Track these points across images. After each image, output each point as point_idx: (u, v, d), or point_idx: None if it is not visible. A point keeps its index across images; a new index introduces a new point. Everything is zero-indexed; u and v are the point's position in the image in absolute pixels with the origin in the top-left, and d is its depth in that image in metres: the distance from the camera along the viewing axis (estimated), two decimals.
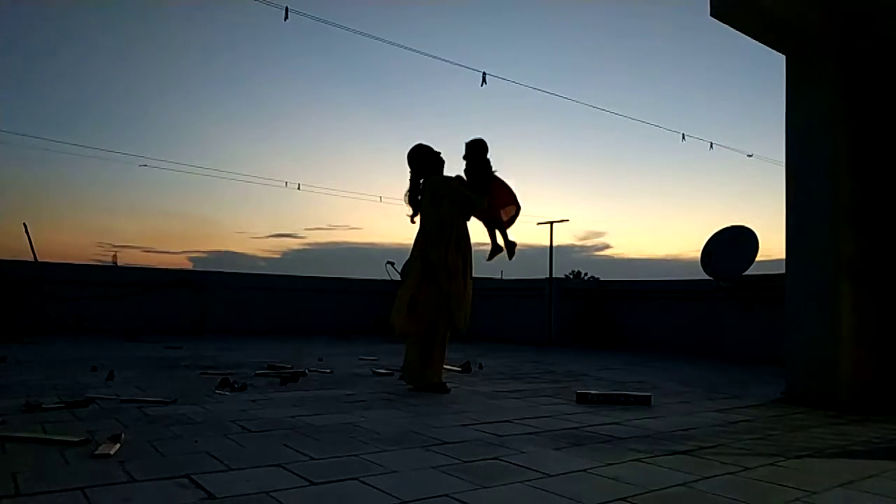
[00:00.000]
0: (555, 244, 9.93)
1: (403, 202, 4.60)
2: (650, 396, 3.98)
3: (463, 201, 4.43)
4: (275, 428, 2.87)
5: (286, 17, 6.56)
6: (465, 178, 4.63)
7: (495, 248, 4.72)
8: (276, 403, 3.56)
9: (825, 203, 4.14)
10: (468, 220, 4.51)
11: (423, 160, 4.55)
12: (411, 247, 4.54)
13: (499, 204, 4.61)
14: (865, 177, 4.26)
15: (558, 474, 2.20)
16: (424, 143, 4.60)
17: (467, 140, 4.70)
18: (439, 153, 4.59)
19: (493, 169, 4.65)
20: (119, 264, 10.47)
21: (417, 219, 4.55)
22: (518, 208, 4.70)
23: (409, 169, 4.60)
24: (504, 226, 4.70)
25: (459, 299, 4.33)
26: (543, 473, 2.20)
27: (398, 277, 11.47)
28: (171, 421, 2.95)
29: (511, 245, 4.73)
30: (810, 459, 2.56)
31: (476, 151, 4.67)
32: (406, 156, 4.60)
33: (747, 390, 4.78)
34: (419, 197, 4.53)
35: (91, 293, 9.14)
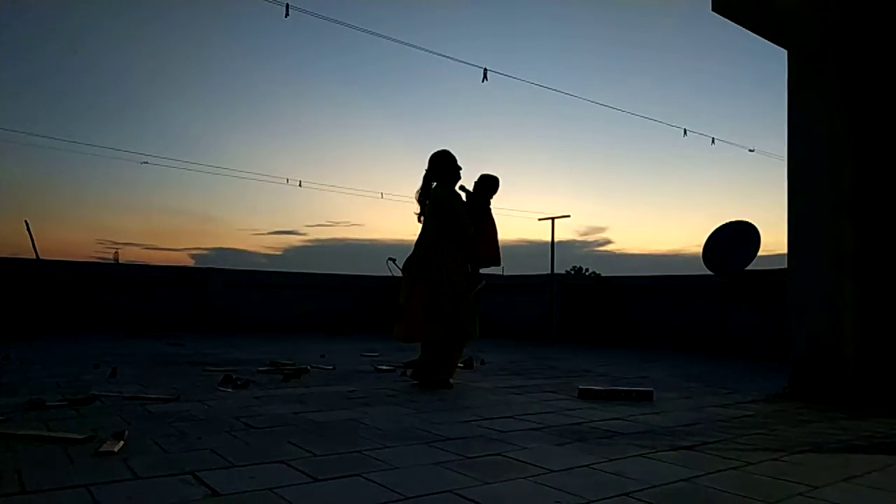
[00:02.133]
0: (556, 240, 9.94)
1: (415, 200, 4.65)
2: (652, 392, 3.98)
3: (456, 221, 4.44)
4: (277, 424, 2.88)
5: (287, 14, 6.56)
6: (464, 196, 4.70)
7: (472, 279, 4.75)
8: (278, 400, 3.57)
9: (827, 198, 4.13)
10: (456, 239, 4.49)
11: (443, 166, 4.59)
12: (413, 246, 4.58)
13: (482, 244, 4.66)
14: (867, 171, 4.25)
15: (561, 470, 2.20)
16: (450, 151, 4.64)
17: (484, 173, 4.79)
18: (460, 168, 4.62)
19: (490, 208, 4.72)
20: (120, 261, 10.49)
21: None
22: (498, 262, 4.77)
23: (426, 168, 4.64)
24: (478, 262, 4.74)
25: (470, 308, 4.43)
26: (546, 469, 2.20)
27: (399, 274, 11.51)
28: (175, 418, 2.95)
29: (478, 281, 4.73)
30: (813, 454, 2.57)
31: (485, 186, 4.74)
32: (429, 156, 4.64)
33: (749, 385, 4.78)
34: (426, 200, 4.59)
35: (93, 290, 9.15)
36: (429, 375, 4.33)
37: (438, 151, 4.63)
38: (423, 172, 4.65)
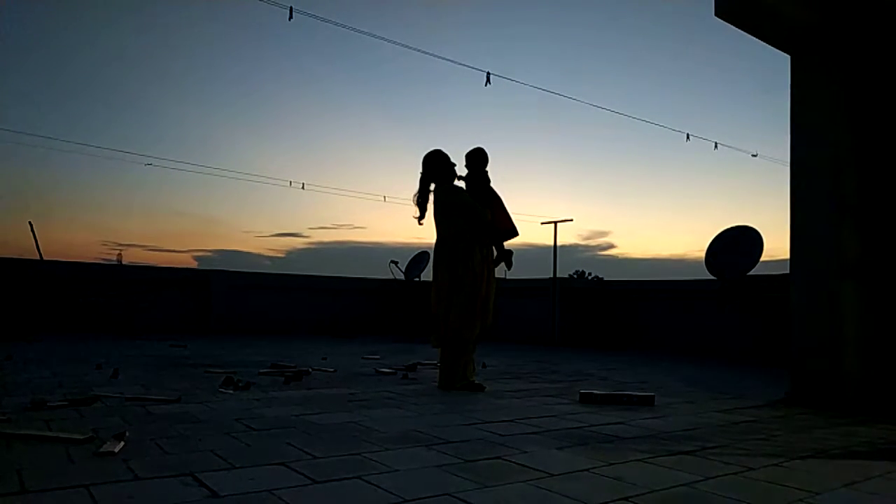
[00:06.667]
0: (559, 244, 9.96)
1: (412, 202, 4.66)
2: (654, 396, 3.97)
3: (471, 214, 4.47)
4: (278, 426, 2.88)
5: (290, 17, 6.58)
6: (464, 188, 4.69)
7: (499, 256, 4.75)
8: (279, 402, 3.57)
9: (829, 202, 4.13)
10: (476, 232, 4.53)
11: (438, 166, 4.60)
12: (423, 250, 4.63)
13: (498, 222, 4.68)
14: (870, 176, 4.24)
15: (561, 474, 2.20)
16: (442, 150, 4.66)
17: (468, 150, 4.76)
18: (454, 164, 4.64)
19: (490, 181, 4.71)
20: (124, 263, 10.52)
21: (425, 222, 4.64)
22: (516, 233, 4.77)
23: (420, 170, 4.65)
24: (500, 239, 4.75)
25: (486, 303, 4.49)
26: (546, 473, 2.20)
27: (402, 276, 11.53)
28: (175, 419, 2.96)
29: (507, 255, 4.76)
30: (814, 460, 2.56)
31: (475, 162, 4.71)
32: (422, 157, 4.65)
33: (751, 390, 4.77)
34: (428, 203, 4.61)
35: (96, 291, 9.18)
36: (450, 380, 4.36)
37: (430, 152, 4.64)
38: (419, 176, 4.66)
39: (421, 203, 4.61)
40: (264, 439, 2.61)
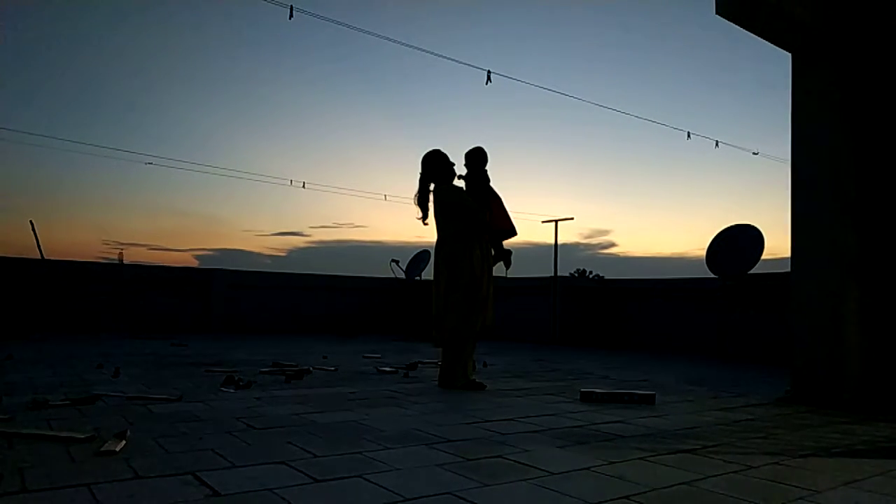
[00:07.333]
0: (560, 242, 9.94)
1: (413, 203, 4.67)
2: (654, 395, 3.97)
3: (468, 214, 4.48)
4: (279, 425, 2.88)
5: (291, 16, 6.57)
6: (464, 188, 4.69)
7: (497, 255, 4.75)
8: (280, 401, 3.58)
9: (830, 201, 4.13)
10: (473, 232, 4.53)
11: (436, 166, 4.61)
12: (424, 249, 4.63)
13: (496, 221, 4.68)
14: (871, 175, 4.24)
15: (561, 472, 2.20)
16: (441, 150, 4.67)
17: (467, 149, 4.76)
18: (453, 164, 4.65)
19: (490, 181, 4.71)
20: (125, 262, 10.50)
21: (429, 222, 4.65)
22: (514, 232, 4.76)
23: (419, 171, 4.65)
24: (498, 239, 4.75)
25: (485, 302, 4.50)
26: (547, 472, 2.20)
27: (403, 275, 11.54)
28: (177, 418, 2.96)
29: (506, 254, 4.76)
30: (814, 458, 2.56)
31: (475, 161, 4.71)
32: (421, 158, 4.66)
33: (752, 389, 4.77)
34: (429, 203, 4.62)
35: (97, 290, 9.19)
36: (451, 379, 4.37)
37: (430, 152, 4.65)
38: (418, 176, 4.66)
39: (421, 203, 4.62)
40: (265, 438, 2.62)
